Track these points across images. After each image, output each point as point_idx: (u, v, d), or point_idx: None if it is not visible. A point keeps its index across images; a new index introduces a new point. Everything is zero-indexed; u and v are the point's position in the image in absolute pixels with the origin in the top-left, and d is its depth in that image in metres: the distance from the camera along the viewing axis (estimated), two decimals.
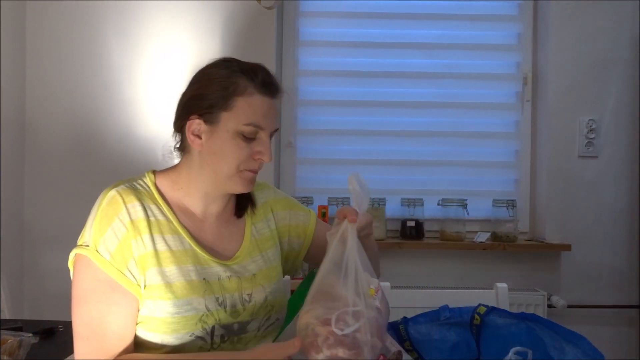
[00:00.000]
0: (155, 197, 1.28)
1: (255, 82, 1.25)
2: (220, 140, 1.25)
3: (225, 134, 1.24)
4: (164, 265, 1.22)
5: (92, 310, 1.16)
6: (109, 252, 1.18)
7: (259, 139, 1.27)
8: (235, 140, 1.24)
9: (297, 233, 1.47)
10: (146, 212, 1.24)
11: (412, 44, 2.95)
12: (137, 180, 1.30)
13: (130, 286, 1.18)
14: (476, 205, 2.85)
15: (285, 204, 1.50)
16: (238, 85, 1.24)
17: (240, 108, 1.24)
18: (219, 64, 1.29)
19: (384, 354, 1.39)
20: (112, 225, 1.19)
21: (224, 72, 1.26)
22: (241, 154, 1.25)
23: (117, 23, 2.74)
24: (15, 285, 2.57)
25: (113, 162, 2.66)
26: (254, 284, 1.31)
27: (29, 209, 2.72)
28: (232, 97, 1.24)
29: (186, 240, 1.26)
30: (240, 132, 1.24)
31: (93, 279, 1.17)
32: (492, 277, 2.59)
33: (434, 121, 2.94)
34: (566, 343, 1.25)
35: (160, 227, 1.25)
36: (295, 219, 1.48)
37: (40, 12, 2.73)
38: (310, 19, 2.97)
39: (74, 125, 2.73)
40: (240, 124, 1.24)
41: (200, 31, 2.75)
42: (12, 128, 2.61)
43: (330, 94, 2.95)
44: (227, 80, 1.25)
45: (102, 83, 2.74)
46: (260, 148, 1.27)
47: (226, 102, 1.24)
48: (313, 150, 2.96)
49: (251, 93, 1.25)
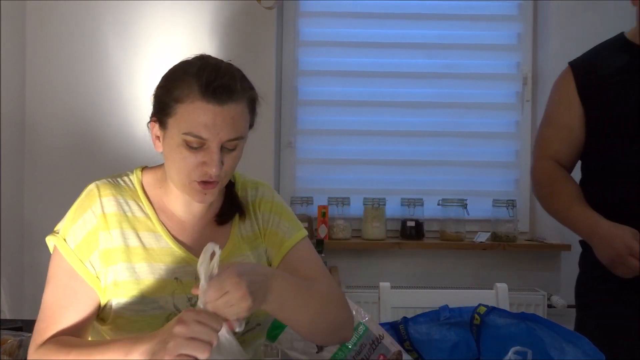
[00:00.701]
0: (137, 194, 1.26)
1: (200, 87, 1.13)
2: (168, 147, 1.19)
3: (171, 140, 1.17)
4: (134, 262, 1.20)
5: (52, 294, 1.19)
6: (75, 242, 1.20)
7: (206, 148, 1.15)
8: (179, 148, 1.16)
9: (272, 242, 1.31)
10: (121, 207, 1.23)
11: (412, 44, 2.95)
12: (124, 176, 1.29)
13: (89, 277, 1.19)
14: (476, 205, 2.85)
15: (273, 207, 1.33)
16: (182, 90, 1.15)
17: (181, 115, 1.15)
18: (185, 61, 1.21)
19: (384, 354, 1.39)
20: (84, 216, 1.21)
21: (179, 73, 1.18)
22: (186, 164, 1.16)
23: (117, 23, 2.74)
24: (15, 285, 2.57)
25: (113, 161, 2.66)
26: None
27: (29, 209, 2.71)
28: (175, 103, 1.15)
29: (163, 239, 1.24)
30: (183, 141, 1.15)
31: (57, 265, 1.21)
32: (492, 277, 2.59)
33: (434, 121, 2.94)
34: (566, 343, 1.25)
35: (136, 224, 1.23)
36: (276, 226, 1.31)
37: (40, 12, 2.73)
38: (310, 19, 2.97)
39: (74, 125, 2.73)
40: (180, 132, 1.15)
41: (200, 31, 2.75)
42: (12, 128, 2.60)
43: (330, 94, 2.94)
44: (175, 82, 1.17)
45: (102, 83, 2.74)
46: (205, 159, 1.15)
47: (170, 108, 1.16)
48: (313, 150, 2.96)
49: (193, 100, 1.14)
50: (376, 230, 2.81)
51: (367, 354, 1.42)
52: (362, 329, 1.43)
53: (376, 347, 1.43)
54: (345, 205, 2.84)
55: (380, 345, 1.43)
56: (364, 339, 1.42)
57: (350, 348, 1.41)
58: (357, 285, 2.80)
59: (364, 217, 2.84)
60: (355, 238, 2.87)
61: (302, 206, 2.83)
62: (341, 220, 2.82)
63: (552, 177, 1.75)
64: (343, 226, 2.82)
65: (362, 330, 1.42)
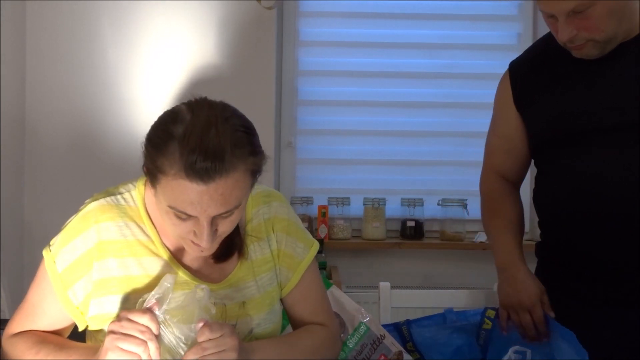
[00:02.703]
0: (140, 213, 1.18)
1: (183, 164, 1.00)
2: (159, 206, 1.10)
3: (159, 204, 1.09)
4: (138, 292, 1.13)
5: (33, 294, 1.19)
6: (62, 266, 1.15)
7: (195, 219, 1.05)
8: (168, 215, 1.07)
9: (287, 263, 1.25)
10: (122, 231, 1.16)
11: (412, 44, 2.95)
12: (125, 193, 1.20)
13: (67, 305, 1.16)
14: (476, 205, 2.82)
15: (286, 226, 1.25)
16: (164, 160, 1.02)
17: (164, 188, 1.04)
18: (173, 116, 1.07)
19: (385, 354, 1.39)
20: (74, 241, 1.15)
21: (163, 136, 1.04)
22: (176, 230, 1.09)
23: (117, 23, 2.74)
24: (15, 285, 2.56)
25: (113, 161, 2.66)
26: (241, 314, 1.19)
27: (29, 209, 2.71)
28: (158, 172, 1.04)
29: (167, 264, 1.16)
30: (170, 209, 1.05)
31: (44, 275, 1.18)
32: (492, 277, 2.58)
33: (434, 121, 2.94)
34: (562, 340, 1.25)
35: (137, 249, 1.16)
36: (292, 248, 1.25)
37: (40, 12, 2.73)
38: (310, 19, 2.97)
39: (74, 125, 2.73)
40: (165, 203, 1.05)
41: (200, 31, 2.75)
42: (12, 128, 2.60)
43: (330, 94, 2.94)
44: (158, 149, 1.04)
45: (103, 83, 2.74)
46: (195, 228, 1.06)
47: (154, 175, 1.05)
48: (313, 150, 2.96)
49: (175, 176, 1.01)
50: (376, 230, 2.81)
51: (368, 354, 1.42)
52: (363, 329, 1.43)
53: (377, 347, 1.43)
54: (345, 205, 2.84)
55: (382, 345, 1.44)
56: (365, 339, 1.42)
57: (351, 348, 1.41)
58: (357, 285, 2.79)
59: (364, 217, 2.84)
60: (355, 238, 2.87)
61: (302, 206, 2.83)
62: (341, 220, 2.82)
63: (492, 194, 1.63)
64: (343, 226, 2.82)
65: (363, 331, 1.42)
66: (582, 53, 1.36)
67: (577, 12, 1.29)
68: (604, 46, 1.34)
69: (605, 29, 1.31)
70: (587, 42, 1.33)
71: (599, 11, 1.28)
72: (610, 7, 1.29)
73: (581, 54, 1.37)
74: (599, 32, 1.31)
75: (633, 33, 1.36)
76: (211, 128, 1.03)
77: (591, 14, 1.29)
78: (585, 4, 1.28)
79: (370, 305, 2.87)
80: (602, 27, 1.31)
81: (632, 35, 1.36)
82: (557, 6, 1.31)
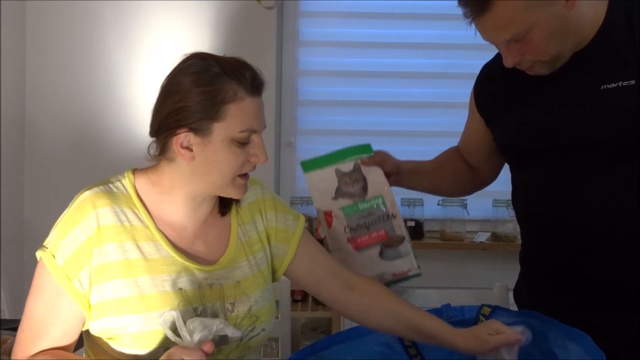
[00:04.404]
0: (132, 200, 1.21)
1: (245, 85, 1.16)
2: (214, 151, 1.16)
3: (220, 144, 1.16)
4: (136, 275, 1.16)
5: (37, 307, 1.16)
6: (63, 258, 1.15)
7: (252, 141, 1.19)
8: (231, 148, 1.17)
9: (282, 237, 1.34)
10: (118, 217, 1.18)
11: (412, 44, 2.95)
12: (115, 182, 1.23)
13: (76, 296, 1.15)
14: (476, 205, 2.85)
15: (272, 204, 1.35)
16: (226, 92, 1.15)
17: (233, 116, 1.15)
18: (195, 66, 1.18)
19: (387, 230, 1.45)
20: (74, 230, 1.16)
21: (206, 77, 1.16)
22: (237, 161, 1.18)
23: (117, 23, 2.74)
24: (15, 285, 2.57)
25: (113, 161, 2.66)
26: (237, 292, 1.23)
27: (29, 209, 2.71)
28: (222, 105, 1.14)
29: (163, 247, 1.19)
30: (235, 139, 1.16)
31: (45, 279, 1.16)
32: (492, 277, 2.58)
33: (434, 121, 2.94)
34: (569, 340, 1.24)
35: (134, 234, 1.18)
36: (283, 222, 1.34)
37: (40, 12, 2.73)
38: (310, 19, 2.97)
39: (74, 125, 2.73)
40: (236, 132, 1.16)
41: (201, 31, 2.75)
42: (12, 128, 2.61)
43: (330, 94, 2.95)
44: (213, 87, 1.15)
45: (102, 83, 2.74)
46: (255, 151, 1.19)
47: (217, 112, 1.15)
48: (313, 150, 2.93)
49: (242, 97, 1.16)
50: None
51: (372, 222, 1.45)
52: (379, 200, 1.47)
53: (383, 221, 1.46)
54: None
55: (388, 222, 1.46)
56: (375, 208, 1.46)
57: (359, 209, 1.45)
58: None
59: None
60: None
61: (302, 206, 2.82)
62: None
63: None
64: None
65: (378, 201, 1.47)
66: (533, 71, 1.33)
67: (517, 40, 1.26)
68: (553, 64, 1.31)
69: (548, 51, 1.27)
70: (534, 64, 1.31)
71: (538, 35, 1.24)
72: (549, 29, 1.24)
73: (533, 72, 1.34)
74: (543, 54, 1.28)
75: (585, 42, 1.31)
76: (232, 58, 1.20)
77: (531, 38, 1.25)
78: (522, 32, 1.24)
79: None
80: (544, 49, 1.27)
81: (584, 44, 1.31)
82: (494, 38, 1.30)
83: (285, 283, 1.68)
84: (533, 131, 1.38)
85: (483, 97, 1.55)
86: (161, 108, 1.19)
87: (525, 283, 1.54)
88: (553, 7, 1.23)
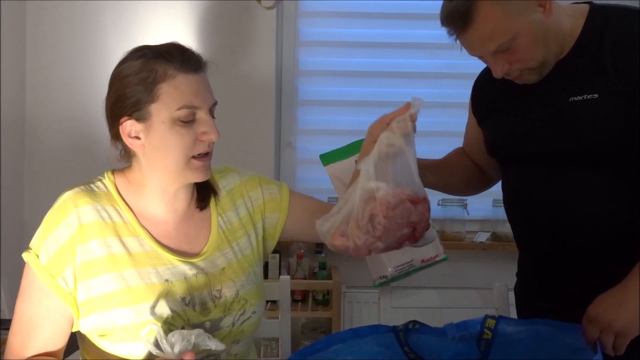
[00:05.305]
0: (114, 198, 1.23)
1: (174, 63, 1.17)
2: (159, 134, 1.17)
3: (161, 125, 1.17)
4: (122, 269, 1.18)
5: (25, 309, 1.19)
6: (47, 257, 1.17)
7: (198, 119, 1.18)
8: (174, 128, 1.16)
9: (272, 207, 1.37)
10: (100, 214, 1.20)
11: (412, 44, 2.95)
12: (96, 182, 1.27)
13: (62, 294, 1.16)
14: (476, 205, 2.85)
15: (254, 182, 1.38)
16: (157, 71, 1.17)
17: (167, 94, 1.16)
18: (130, 56, 1.23)
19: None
20: (56, 230, 1.18)
21: (137, 63, 1.19)
22: (185, 141, 1.17)
23: (117, 23, 2.74)
24: (15, 285, 2.57)
25: (113, 161, 2.66)
26: (223, 279, 1.26)
27: (29, 209, 2.71)
28: (154, 86, 1.16)
29: (147, 242, 1.21)
30: (176, 119, 1.16)
31: (31, 280, 1.19)
32: (492, 277, 2.58)
33: (434, 121, 2.94)
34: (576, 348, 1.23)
35: (117, 230, 1.20)
36: (269, 193, 1.38)
37: (40, 12, 2.73)
38: (310, 19, 2.97)
39: (74, 125, 2.73)
40: (173, 110, 1.16)
41: (200, 31, 2.75)
42: (12, 128, 2.61)
43: (330, 94, 2.95)
44: (144, 70, 1.18)
45: (102, 83, 2.70)
46: (203, 128, 1.18)
47: (150, 93, 1.16)
48: (313, 150, 2.95)
49: (173, 75, 1.16)
50: None
51: None
52: None
53: None
54: None
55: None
56: None
57: None
58: (357, 285, 2.79)
59: None
60: None
61: None
62: None
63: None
64: None
65: None
66: (522, 80, 1.36)
67: (503, 50, 1.29)
68: (541, 70, 1.34)
69: (535, 57, 1.31)
70: (522, 72, 1.34)
71: (523, 43, 1.28)
72: (532, 35, 1.28)
73: (522, 81, 1.37)
74: (529, 60, 1.31)
75: (565, 51, 1.34)
76: (167, 44, 1.23)
77: (516, 47, 1.28)
78: (507, 42, 1.28)
79: (370, 305, 2.88)
80: (530, 56, 1.30)
81: (565, 52, 1.34)
82: (480, 50, 1.33)
83: (285, 283, 1.68)
84: (510, 138, 1.43)
85: (477, 98, 1.60)
86: (107, 100, 1.24)
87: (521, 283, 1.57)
88: (532, 14, 1.27)
